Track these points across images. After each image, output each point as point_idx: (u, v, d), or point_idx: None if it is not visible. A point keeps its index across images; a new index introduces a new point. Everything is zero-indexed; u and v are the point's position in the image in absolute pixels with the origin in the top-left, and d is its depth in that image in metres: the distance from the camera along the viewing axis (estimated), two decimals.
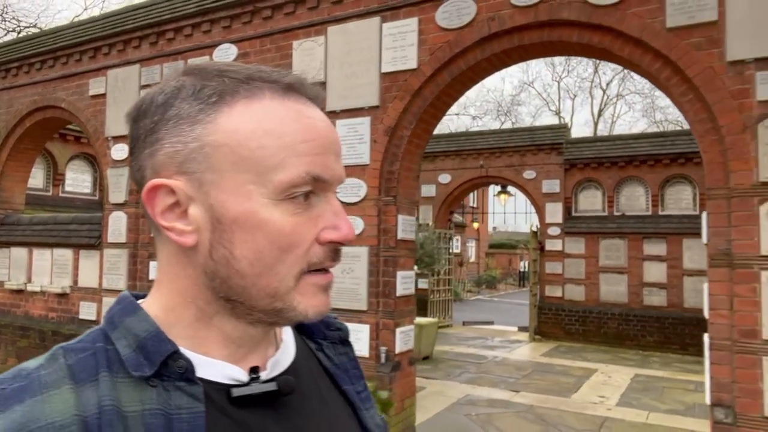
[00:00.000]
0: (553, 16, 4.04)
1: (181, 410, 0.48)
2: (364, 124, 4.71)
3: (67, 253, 6.48)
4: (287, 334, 0.64)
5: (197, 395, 0.50)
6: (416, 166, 4.92)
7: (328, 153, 0.54)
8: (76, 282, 6.42)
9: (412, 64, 4.54)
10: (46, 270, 6.68)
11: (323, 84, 4.90)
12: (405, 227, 4.73)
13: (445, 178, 12.26)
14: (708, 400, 3.54)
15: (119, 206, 6.09)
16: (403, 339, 4.66)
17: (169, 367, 0.50)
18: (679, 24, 3.64)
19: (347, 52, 4.81)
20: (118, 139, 6.12)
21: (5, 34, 20.80)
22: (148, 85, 5.88)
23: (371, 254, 4.60)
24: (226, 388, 0.52)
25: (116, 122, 6.11)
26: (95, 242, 6.21)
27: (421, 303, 11.84)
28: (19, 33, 19.60)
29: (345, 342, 0.70)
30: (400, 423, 4.62)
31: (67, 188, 9.94)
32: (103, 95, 6.26)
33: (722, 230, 3.50)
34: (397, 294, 4.62)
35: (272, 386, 0.54)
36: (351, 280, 4.63)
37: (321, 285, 0.54)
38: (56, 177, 9.52)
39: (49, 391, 0.45)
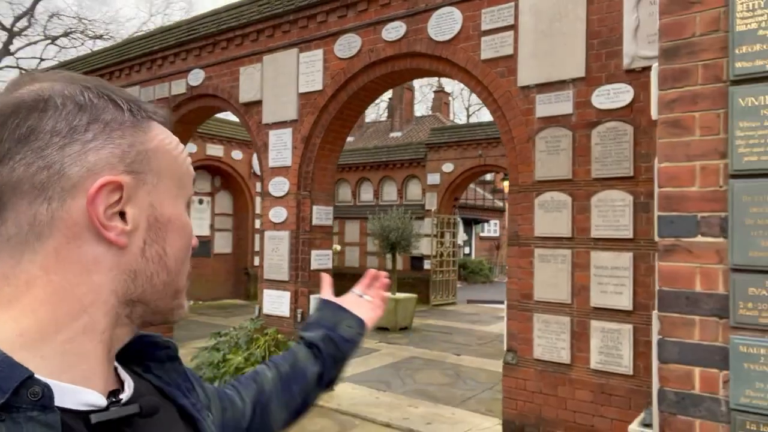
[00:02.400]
0: (411, 49, 5.36)
1: None
2: (287, 133, 6.25)
3: None
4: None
5: (53, 423, 0.46)
6: (331, 166, 6.39)
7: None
8: None
9: (319, 86, 6.01)
10: None
11: (260, 101, 6.47)
12: (320, 215, 6.25)
13: (448, 167, 13.46)
14: (504, 347, 4.83)
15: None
16: None
17: (20, 396, 0.45)
18: (489, 57, 4.86)
19: (276, 76, 6.35)
20: None
21: (81, 44, 24.08)
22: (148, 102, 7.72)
23: (291, 237, 6.16)
24: (83, 416, 0.49)
25: None
26: None
27: (424, 282, 13.29)
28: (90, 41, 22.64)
29: (173, 358, 0.68)
30: None
31: None
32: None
33: (515, 217, 4.74)
34: (312, 268, 6.16)
35: (134, 408, 0.53)
36: (277, 257, 6.23)
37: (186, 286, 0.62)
38: None
39: None
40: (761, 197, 1.89)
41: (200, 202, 13.25)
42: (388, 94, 23.62)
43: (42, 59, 24.23)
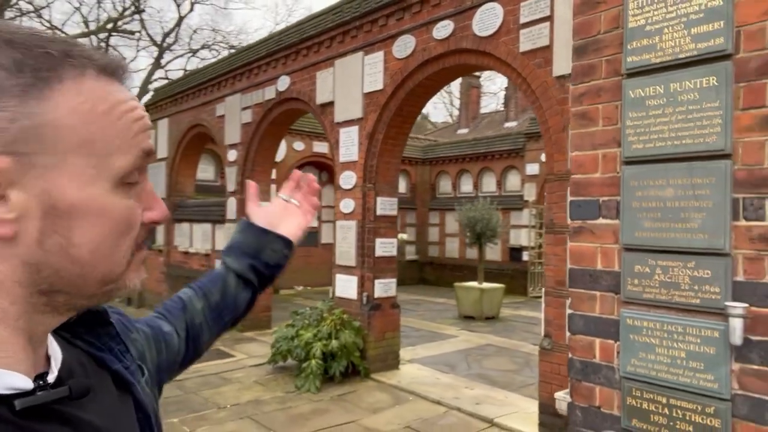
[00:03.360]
0: (458, 46, 5.67)
1: None
2: (354, 131, 6.85)
3: (207, 226, 9.86)
4: None
5: None
6: (394, 159, 6.88)
7: (148, 131, 0.55)
8: (213, 246, 9.76)
9: (380, 85, 6.52)
10: (199, 238, 10.21)
11: (332, 102, 7.14)
12: (383, 206, 6.78)
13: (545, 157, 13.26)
14: (542, 332, 5.01)
15: (232, 193, 9.18)
16: (383, 288, 6.75)
17: None
18: (527, 49, 5.05)
19: (345, 78, 6.98)
20: (231, 146, 9.18)
21: (218, 54, 26.85)
22: (248, 107, 8.78)
23: (358, 226, 6.77)
24: (8, 400, 0.47)
25: (229, 135, 9.17)
26: (222, 219, 9.43)
27: (522, 274, 13.32)
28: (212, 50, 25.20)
29: (105, 323, 0.66)
30: (381, 348, 6.74)
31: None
32: (223, 116, 9.39)
33: (551, 206, 4.90)
34: (376, 255, 6.72)
35: (63, 392, 0.51)
36: (346, 245, 6.87)
37: (142, 259, 0.57)
38: (221, 171, 13.38)
39: None
40: (645, 182, 2.07)
41: None
42: (500, 84, 23.41)
43: (186, 70, 27.40)
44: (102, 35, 22.81)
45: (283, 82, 8.06)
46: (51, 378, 0.52)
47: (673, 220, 2.00)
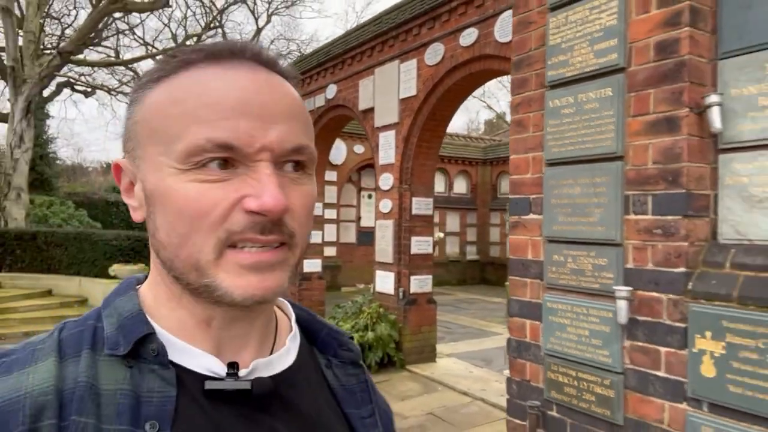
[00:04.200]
0: (482, 52, 5.97)
1: (153, 393, 0.50)
2: (391, 135, 7.30)
3: None
4: (292, 341, 0.63)
5: (170, 380, 0.51)
6: (429, 162, 7.25)
7: (241, 117, 0.50)
8: None
9: (414, 91, 6.93)
10: None
11: (372, 108, 7.62)
12: (419, 206, 7.16)
13: None
14: None
15: None
16: (418, 284, 7.14)
17: (145, 349, 0.52)
18: None
19: (383, 85, 7.44)
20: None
21: (300, 61, 28.11)
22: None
23: (395, 225, 7.20)
24: (201, 379, 0.53)
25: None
26: None
27: None
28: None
29: (356, 364, 0.68)
30: (416, 341, 7.14)
31: None
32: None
33: None
34: (412, 252, 7.12)
35: (246, 385, 0.53)
36: (384, 243, 7.33)
37: (246, 264, 0.51)
38: None
39: (36, 364, 0.50)
40: (559, 181, 2.37)
41: (369, 197, 14.99)
42: None
43: None
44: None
45: (331, 90, 8.63)
46: (243, 372, 0.55)
47: (579, 214, 2.28)
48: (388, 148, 7.35)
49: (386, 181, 7.36)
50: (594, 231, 2.22)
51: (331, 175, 13.96)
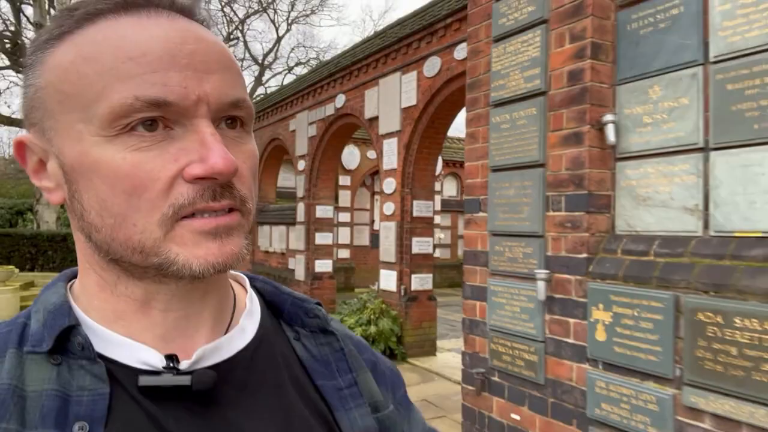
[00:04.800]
0: None
1: (83, 392, 0.45)
2: (394, 142, 7.82)
3: (283, 228, 11.26)
4: (248, 318, 0.57)
5: (100, 376, 0.46)
6: (430, 167, 7.75)
7: (171, 68, 0.44)
8: (287, 245, 11.13)
9: (414, 101, 7.45)
10: (276, 238, 11.65)
11: (377, 117, 8.16)
12: (419, 208, 7.67)
13: None
14: None
15: (301, 199, 10.49)
16: (419, 282, 7.64)
17: (71, 344, 0.47)
18: None
19: (387, 95, 7.98)
20: (300, 157, 10.51)
21: (312, 72, 28.77)
22: (313, 122, 10.06)
23: (397, 226, 7.72)
24: (136, 374, 0.47)
25: (299, 147, 10.49)
26: (293, 221, 10.77)
27: None
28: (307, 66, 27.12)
29: (326, 331, 0.62)
30: (417, 335, 7.63)
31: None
32: (294, 130, 10.75)
33: None
34: (413, 252, 7.62)
35: (184, 380, 0.47)
36: (388, 243, 7.85)
37: (204, 231, 0.45)
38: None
39: None
40: (499, 184, 2.87)
41: None
42: None
43: (283, 86, 29.66)
44: None
45: (340, 100, 9.20)
46: (185, 365, 0.48)
47: (513, 212, 2.77)
48: (391, 155, 7.87)
49: (389, 185, 7.88)
50: (523, 225, 2.71)
51: (345, 180, 14.54)
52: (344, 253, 14.56)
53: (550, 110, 2.62)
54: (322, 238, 10.31)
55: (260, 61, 28.76)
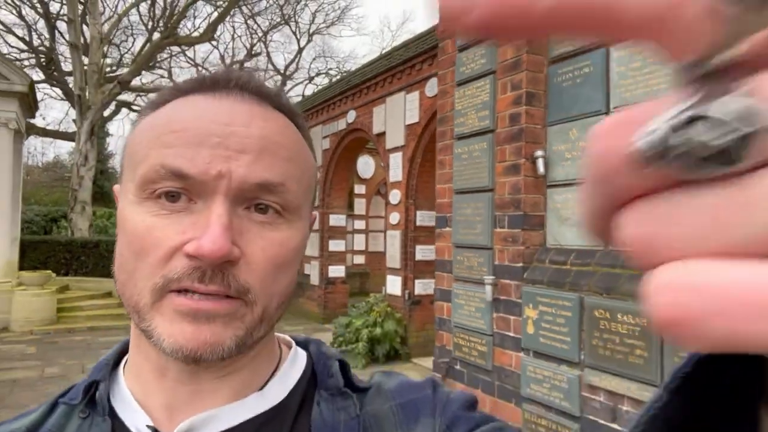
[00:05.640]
0: None
1: None
2: (399, 156, 8.46)
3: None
4: (279, 383, 0.53)
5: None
6: (432, 179, 8.34)
7: (203, 145, 0.45)
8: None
9: (417, 119, 8.08)
10: None
11: (384, 132, 8.81)
12: (422, 218, 8.29)
13: None
14: None
15: (315, 208, 11.20)
16: (423, 286, 8.25)
17: (96, 400, 0.51)
18: None
19: (393, 112, 8.63)
20: (316, 168, 11.22)
21: (331, 80, 29.55)
22: (327, 136, 10.75)
23: (402, 235, 8.34)
24: None
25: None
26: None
27: None
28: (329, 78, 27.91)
29: (343, 394, 0.54)
30: (421, 337, 8.23)
31: None
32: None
33: None
34: (416, 259, 8.23)
35: None
36: (393, 250, 8.48)
37: (181, 310, 0.44)
38: None
39: (30, 415, 0.52)
40: (460, 205, 3.49)
41: None
42: None
43: (303, 96, 30.48)
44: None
45: (351, 116, 9.88)
46: None
47: (470, 228, 3.38)
48: (396, 168, 8.51)
49: (395, 196, 8.52)
50: (477, 239, 3.31)
51: (360, 188, 15.22)
52: (359, 259, 15.21)
53: (497, 145, 3.22)
54: (336, 245, 10.99)
55: (282, 72, 29.61)
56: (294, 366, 0.56)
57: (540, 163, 2.99)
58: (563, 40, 0.16)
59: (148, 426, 0.48)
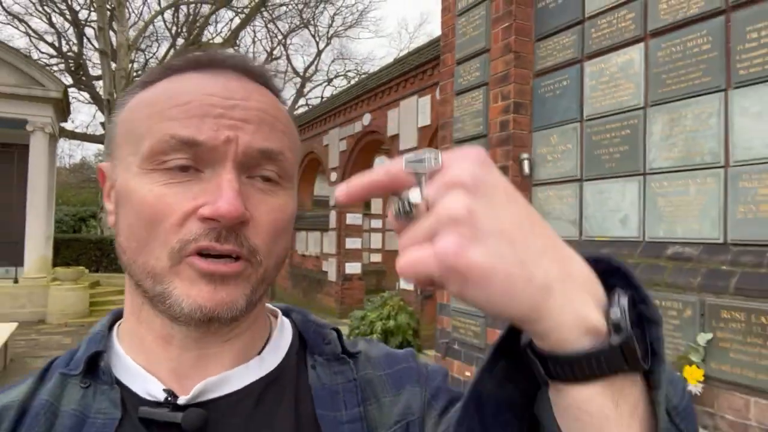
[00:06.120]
0: None
1: (99, 415, 0.50)
2: None
3: (317, 234, 12.48)
4: (273, 351, 0.59)
5: (114, 401, 0.51)
6: None
7: (208, 116, 0.50)
8: (321, 249, 12.33)
9: (428, 122, 8.52)
10: (311, 243, 12.87)
11: (398, 135, 9.26)
12: None
13: None
14: None
15: (332, 207, 11.68)
16: None
17: (99, 369, 0.52)
18: None
19: (406, 115, 9.08)
20: (332, 169, 11.69)
21: (348, 82, 30.04)
22: (344, 138, 11.22)
23: None
24: (141, 403, 0.51)
25: (331, 160, 11.68)
26: (326, 227, 11.97)
27: None
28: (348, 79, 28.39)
29: (340, 358, 0.61)
30: (432, 329, 8.64)
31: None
32: (327, 145, 11.97)
33: None
34: None
35: (176, 417, 0.50)
36: None
37: (201, 271, 0.48)
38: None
39: (18, 386, 0.54)
40: None
41: None
42: None
43: (323, 97, 30.97)
44: None
45: (366, 119, 10.35)
46: (182, 400, 0.51)
47: None
48: None
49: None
50: None
51: None
52: (376, 257, 15.66)
53: (489, 149, 3.64)
54: (352, 243, 11.46)
55: (302, 74, 30.19)
56: (283, 333, 0.61)
57: (525, 164, 3.41)
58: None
59: (164, 390, 0.51)
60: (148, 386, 0.52)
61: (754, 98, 2.30)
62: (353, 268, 11.45)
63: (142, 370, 0.53)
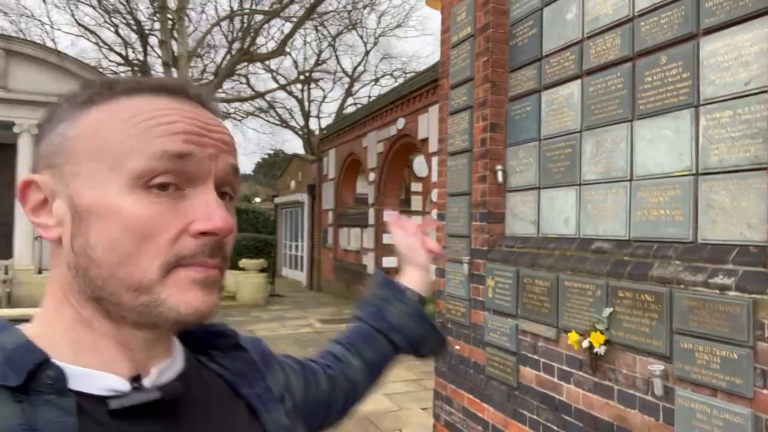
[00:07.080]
0: None
1: (49, 425, 0.48)
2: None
3: (358, 230, 13.43)
4: (179, 347, 0.66)
5: (68, 408, 0.50)
6: None
7: (194, 134, 0.56)
8: (362, 244, 13.27)
9: None
10: (353, 238, 13.83)
11: (427, 138, 10.04)
12: None
13: None
14: None
15: (371, 206, 12.59)
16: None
17: (38, 380, 0.50)
18: None
19: (434, 120, 9.85)
20: (371, 170, 12.60)
21: (395, 81, 30.80)
22: (381, 141, 12.09)
23: None
24: (103, 400, 0.53)
25: (370, 161, 12.57)
26: (366, 224, 12.90)
27: None
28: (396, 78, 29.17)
29: (239, 347, 0.73)
30: None
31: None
32: (366, 147, 12.88)
33: None
34: None
35: (156, 395, 0.54)
36: None
37: (196, 279, 0.55)
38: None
39: None
40: (450, 205, 4.70)
41: None
42: None
43: (370, 97, 31.89)
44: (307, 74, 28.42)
45: (400, 123, 11.19)
46: (147, 382, 0.56)
47: (456, 222, 4.59)
48: (436, 169, 9.74)
49: (435, 195, 9.74)
50: (460, 230, 4.53)
51: (416, 186, 16.45)
52: None
53: (473, 161, 4.42)
54: (388, 239, 12.27)
55: (350, 74, 31.23)
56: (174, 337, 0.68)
57: (499, 174, 4.17)
58: None
59: (130, 378, 0.56)
60: (106, 383, 0.54)
61: (649, 128, 3.01)
62: (390, 262, 12.31)
63: (92, 371, 0.54)
